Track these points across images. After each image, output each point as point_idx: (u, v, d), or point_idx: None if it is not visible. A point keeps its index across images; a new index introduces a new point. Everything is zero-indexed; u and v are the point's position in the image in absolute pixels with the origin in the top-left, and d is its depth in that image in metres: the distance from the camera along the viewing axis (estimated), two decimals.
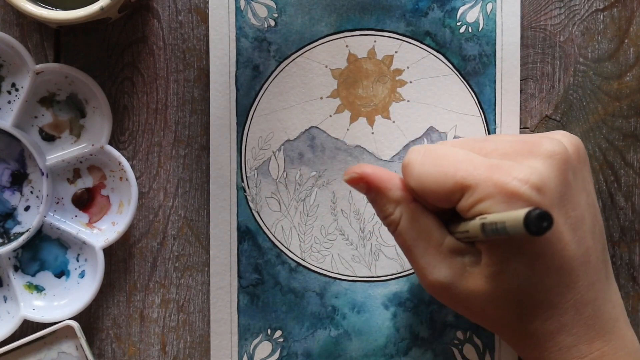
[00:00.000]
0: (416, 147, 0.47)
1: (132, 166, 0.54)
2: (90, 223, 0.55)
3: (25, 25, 0.55)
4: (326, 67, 0.54)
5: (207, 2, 0.54)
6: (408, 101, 0.55)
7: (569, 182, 0.45)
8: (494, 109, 0.55)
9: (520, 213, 0.39)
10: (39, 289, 0.54)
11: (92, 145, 0.54)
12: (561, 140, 0.46)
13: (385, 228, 0.54)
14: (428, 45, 0.54)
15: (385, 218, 0.48)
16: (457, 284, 0.46)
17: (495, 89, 0.55)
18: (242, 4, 0.54)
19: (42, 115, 0.54)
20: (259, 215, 0.55)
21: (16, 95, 0.53)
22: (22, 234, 0.54)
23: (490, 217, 0.42)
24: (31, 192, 0.54)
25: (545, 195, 0.43)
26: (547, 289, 0.45)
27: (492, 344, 0.55)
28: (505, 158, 0.45)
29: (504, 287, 0.45)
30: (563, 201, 0.44)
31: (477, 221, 0.43)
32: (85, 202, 0.55)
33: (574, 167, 0.46)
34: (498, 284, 0.45)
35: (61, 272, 0.55)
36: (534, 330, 0.45)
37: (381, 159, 0.55)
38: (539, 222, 0.38)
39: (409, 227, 0.47)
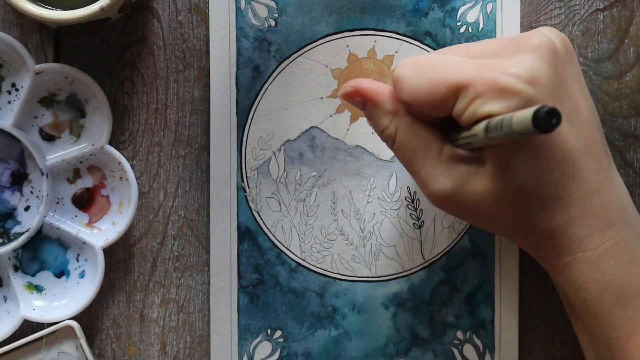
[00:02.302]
0: (403, 61, 0.47)
1: (132, 166, 0.54)
2: (90, 223, 0.55)
3: (25, 25, 0.55)
4: (326, 67, 0.54)
5: (207, 2, 0.54)
6: None
7: (560, 74, 0.45)
8: None
9: (527, 111, 0.38)
10: (39, 289, 0.54)
11: (92, 145, 0.54)
12: (547, 34, 0.46)
13: (385, 228, 0.54)
14: (428, 46, 0.54)
15: (382, 132, 0.47)
16: (462, 190, 0.45)
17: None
18: (243, 4, 0.54)
19: (42, 115, 0.54)
20: (259, 215, 0.55)
21: (16, 95, 0.53)
22: (22, 234, 0.54)
23: (495, 119, 0.41)
24: (31, 192, 0.54)
25: (537, 87, 0.43)
26: (552, 183, 0.45)
27: (492, 344, 0.55)
28: (493, 57, 0.45)
29: (509, 184, 0.44)
30: (556, 92, 0.44)
31: (481, 124, 0.43)
32: (85, 202, 0.55)
33: (563, 59, 0.46)
34: (504, 181, 0.44)
35: (61, 272, 0.55)
36: (544, 227, 0.45)
37: (381, 159, 0.55)
38: (548, 118, 0.37)
39: (405, 139, 0.46)
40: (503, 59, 0.44)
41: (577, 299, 0.47)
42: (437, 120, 0.47)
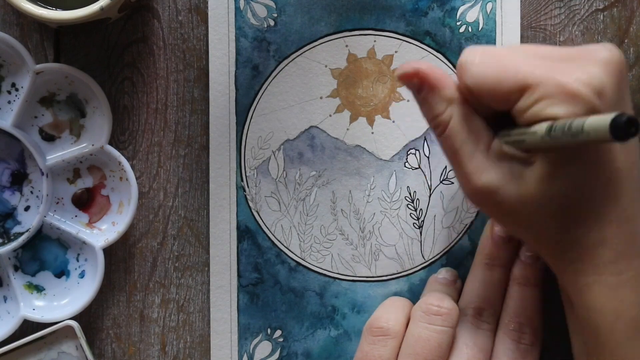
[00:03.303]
0: (471, 47, 0.46)
1: (132, 166, 0.54)
2: (90, 223, 0.55)
3: (25, 25, 0.55)
4: (326, 66, 0.54)
5: (207, 2, 0.54)
6: (408, 101, 0.55)
7: (622, 92, 0.45)
8: None
9: (605, 117, 0.37)
10: (39, 289, 0.54)
11: (92, 145, 0.54)
12: (616, 50, 0.45)
13: (385, 228, 0.54)
14: (428, 45, 0.54)
15: (435, 118, 0.46)
16: (506, 188, 0.45)
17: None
18: (242, 4, 0.54)
19: (42, 115, 0.54)
20: (258, 214, 0.55)
21: (16, 95, 0.53)
22: (22, 234, 0.54)
23: (562, 120, 0.41)
24: (31, 192, 0.54)
25: (603, 101, 0.43)
26: (593, 199, 0.44)
27: None
28: (564, 62, 0.45)
29: (553, 191, 0.44)
30: (616, 110, 0.43)
31: (544, 124, 0.42)
32: (85, 202, 0.55)
33: (626, 78, 0.45)
34: (549, 187, 0.44)
35: (61, 272, 0.55)
36: (577, 241, 0.45)
37: (381, 159, 0.55)
38: (627, 127, 0.37)
39: (458, 128, 0.46)
40: (574, 64, 0.44)
41: (589, 324, 0.46)
42: (489, 115, 0.46)
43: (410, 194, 0.55)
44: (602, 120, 0.38)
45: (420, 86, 0.46)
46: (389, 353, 0.50)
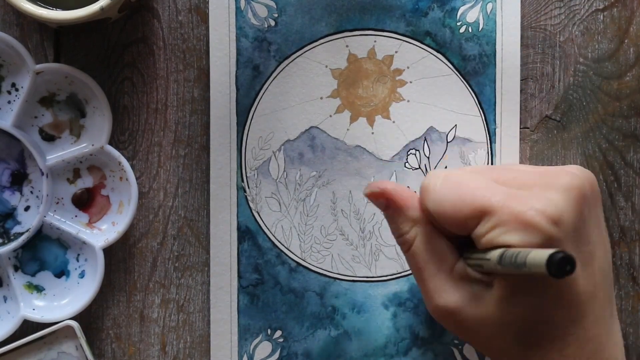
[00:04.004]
0: (435, 172, 0.48)
1: (132, 166, 0.54)
2: (90, 223, 0.55)
3: (25, 25, 0.55)
4: (326, 67, 0.54)
5: (207, 2, 0.54)
6: (408, 101, 0.55)
7: (584, 217, 0.45)
8: (494, 109, 0.55)
9: (543, 253, 0.38)
10: (39, 289, 0.54)
11: (92, 145, 0.54)
12: (579, 175, 0.46)
13: (385, 228, 0.54)
14: (428, 45, 0.54)
15: (400, 237, 0.48)
16: (465, 310, 0.46)
17: (495, 89, 0.55)
18: (242, 3, 0.54)
19: (42, 115, 0.54)
20: (259, 215, 0.55)
21: (16, 95, 0.53)
22: (22, 234, 0.54)
23: (511, 250, 0.42)
24: (31, 192, 0.54)
25: (560, 228, 0.43)
26: (553, 321, 0.45)
27: None
28: (523, 188, 0.45)
29: (512, 314, 0.45)
30: (577, 236, 0.44)
31: (497, 252, 0.43)
32: (85, 202, 0.55)
33: (589, 202, 0.46)
34: (507, 310, 0.45)
35: (61, 272, 0.55)
36: None
37: (381, 159, 0.55)
38: (562, 264, 0.38)
39: (422, 248, 0.47)
40: (532, 192, 0.44)
41: None
42: (454, 236, 0.47)
43: None
44: (540, 256, 0.38)
45: (387, 206, 0.48)
46: None
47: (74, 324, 0.53)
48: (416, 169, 0.55)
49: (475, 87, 0.55)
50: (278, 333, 0.55)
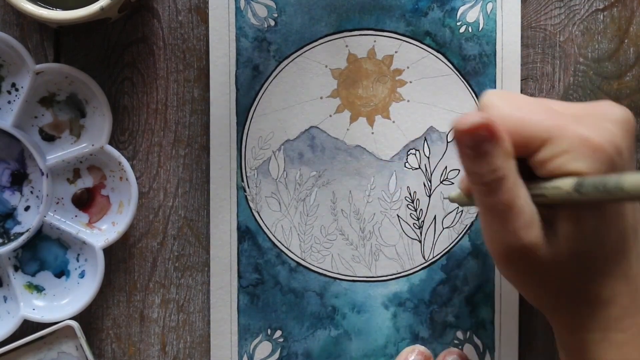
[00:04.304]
0: (491, 90, 0.45)
1: (132, 166, 0.54)
2: (90, 223, 0.55)
3: (25, 25, 0.55)
4: (326, 67, 0.54)
5: (207, 2, 0.54)
6: (408, 101, 0.55)
7: (633, 151, 0.45)
8: None
9: None
10: (39, 289, 0.54)
11: (92, 145, 0.54)
12: (627, 110, 0.45)
13: (385, 228, 0.54)
14: (428, 45, 0.54)
15: (493, 172, 0.42)
16: (543, 248, 0.43)
17: (495, 89, 0.54)
18: (242, 4, 0.54)
19: (42, 115, 0.54)
20: (259, 215, 0.55)
21: (16, 95, 0.53)
22: (22, 234, 0.54)
23: (593, 177, 0.40)
24: (31, 192, 0.54)
25: (621, 158, 0.43)
26: (606, 256, 0.44)
27: (492, 344, 0.55)
28: (579, 117, 0.44)
29: (576, 249, 0.43)
30: (629, 168, 0.44)
31: (568, 180, 0.41)
32: (85, 202, 0.55)
33: (634, 137, 0.45)
34: (575, 245, 0.43)
35: (61, 272, 0.55)
36: (589, 297, 0.44)
37: (381, 159, 0.55)
38: None
39: (515, 181, 0.42)
40: (589, 121, 0.43)
41: None
42: None
43: (410, 194, 0.55)
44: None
45: (487, 138, 0.42)
46: None
47: (74, 324, 0.53)
48: (416, 168, 0.55)
49: (476, 87, 0.55)
50: (278, 333, 0.55)
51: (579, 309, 0.45)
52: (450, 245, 0.55)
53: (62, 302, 0.54)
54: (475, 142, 0.42)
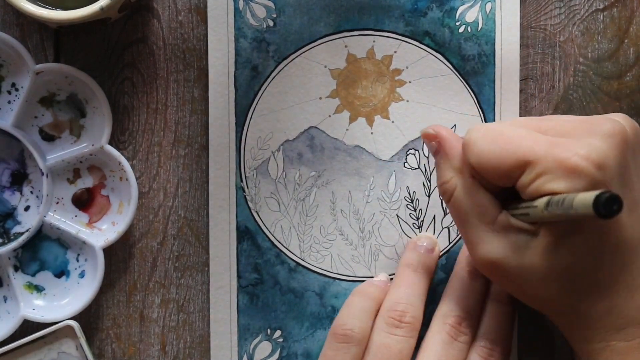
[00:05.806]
0: (476, 126, 0.48)
1: (132, 166, 0.54)
2: (90, 223, 0.55)
3: (25, 25, 0.55)
4: (325, 67, 0.54)
5: (207, 2, 0.54)
6: (407, 101, 0.55)
7: (627, 163, 0.45)
8: (494, 109, 0.55)
9: (590, 194, 0.38)
10: (39, 289, 0.55)
11: (92, 145, 0.54)
12: (620, 122, 0.46)
13: (385, 228, 0.54)
14: (427, 45, 0.54)
15: (441, 184, 0.49)
16: (509, 260, 0.46)
17: (494, 89, 0.54)
18: (241, 4, 0.54)
19: (42, 115, 0.54)
20: (258, 215, 0.55)
21: (16, 95, 0.54)
22: (22, 234, 0.54)
23: (558, 196, 0.42)
24: (31, 192, 0.54)
25: (605, 173, 0.43)
26: (601, 269, 0.45)
27: None
28: (565, 136, 0.45)
29: (559, 263, 0.44)
30: (621, 181, 0.44)
31: (543, 199, 0.43)
32: (85, 202, 0.55)
33: (633, 148, 0.46)
34: (553, 258, 0.44)
35: (61, 272, 0.55)
36: (585, 310, 0.45)
37: (380, 159, 0.55)
38: (609, 204, 0.37)
39: (463, 199, 0.48)
40: (574, 139, 0.44)
41: None
42: (497, 189, 0.47)
43: (409, 194, 0.55)
44: (587, 197, 0.38)
45: (437, 150, 0.50)
46: None
47: (74, 324, 0.53)
48: (415, 168, 0.55)
49: (475, 87, 0.54)
50: (278, 333, 0.55)
51: (571, 321, 0.47)
52: (450, 245, 0.55)
53: (62, 302, 0.54)
54: (432, 150, 0.50)
